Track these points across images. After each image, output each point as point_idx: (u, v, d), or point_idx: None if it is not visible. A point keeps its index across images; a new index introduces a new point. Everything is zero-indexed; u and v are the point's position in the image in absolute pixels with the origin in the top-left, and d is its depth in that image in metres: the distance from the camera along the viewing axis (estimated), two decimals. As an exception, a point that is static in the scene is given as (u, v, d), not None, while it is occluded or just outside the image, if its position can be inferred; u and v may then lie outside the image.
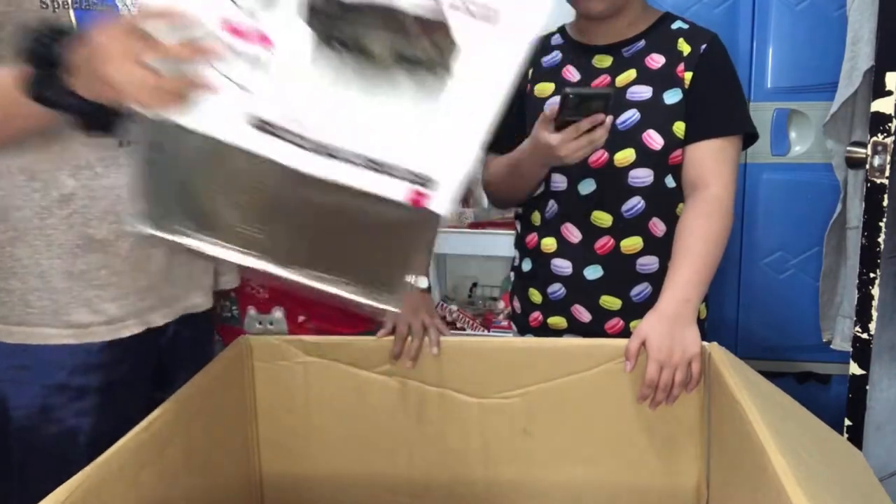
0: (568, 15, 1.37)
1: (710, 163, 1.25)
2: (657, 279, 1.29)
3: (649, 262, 1.30)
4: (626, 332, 1.31)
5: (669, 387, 1.09)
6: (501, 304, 2.74)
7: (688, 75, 1.26)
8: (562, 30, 1.40)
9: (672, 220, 1.29)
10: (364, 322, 1.46)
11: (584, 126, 1.11)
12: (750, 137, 1.31)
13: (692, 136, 1.26)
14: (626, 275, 1.30)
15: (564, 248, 1.33)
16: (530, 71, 1.37)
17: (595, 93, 1.13)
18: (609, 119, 1.12)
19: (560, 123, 1.12)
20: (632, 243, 1.29)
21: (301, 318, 1.40)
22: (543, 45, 1.39)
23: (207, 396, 1.08)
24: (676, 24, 1.31)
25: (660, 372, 1.09)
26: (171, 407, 0.98)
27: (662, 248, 1.29)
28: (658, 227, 1.29)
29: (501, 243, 2.54)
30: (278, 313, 1.36)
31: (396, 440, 1.20)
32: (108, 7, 0.98)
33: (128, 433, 0.90)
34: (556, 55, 1.36)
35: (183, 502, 1.00)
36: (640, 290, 1.31)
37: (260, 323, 1.37)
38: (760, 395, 0.95)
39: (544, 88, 1.34)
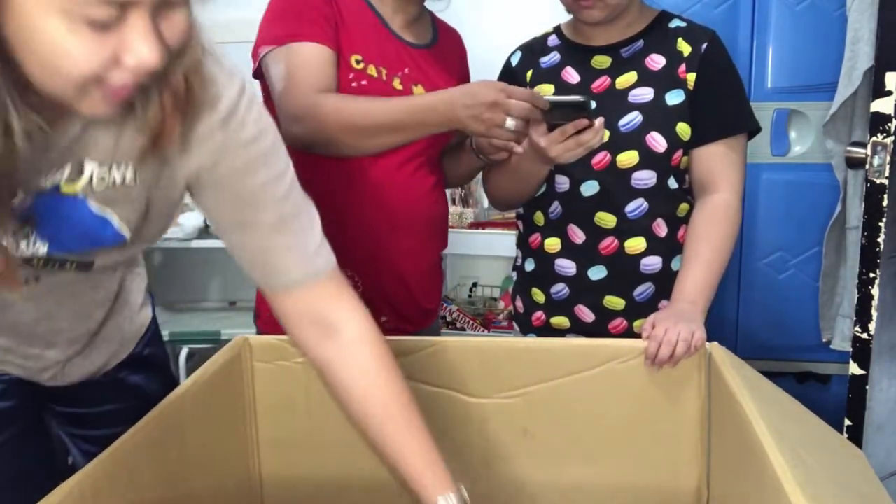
0: (560, 12, 1.37)
1: (718, 165, 1.27)
2: (660, 279, 1.30)
3: (653, 263, 1.30)
4: (629, 332, 1.32)
5: (673, 342, 1.07)
6: (501, 304, 2.74)
7: (691, 76, 1.26)
8: (557, 30, 1.40)
9: (674, 221, 1.30)
10: (432, 317, 1.47)
11: (570, 130, 1.13)
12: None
13: (700, 139, 1.27)
14: (629, 275, 1.31)
15: (568, 249, 1.33)
16: (530, 73, 1.37)
17: (570, 101, 1.14)
18: (599, 122, 1.14)
19: (549, 126, 1.15)
20: (635, 244, 1.29)
21: (383, 319, 1.37)
22: (541, 47, 1.39)
23: (206, 396, 1.07)
24: (674, 23, 1.31)
25: (665, 331, 1.09)
26: (169, 407, 0.98)
27: (665, 248, 1.30)
28: (661, 227, 1.30)
29: (502, 243, 2.54)
30: None
31: (396, 440, 1.20)
32: (66, 194, 0.76)
33: (125, 433, 0.89)
34: (554, 56, 1.36)
35: (182, 503, 0.99)
36: (644, 289, 1.31)
37: None
38: (761, 394, 0.95)
39: (544, 90, 1.34)
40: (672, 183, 1.29)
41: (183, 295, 3.00)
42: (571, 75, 1.33)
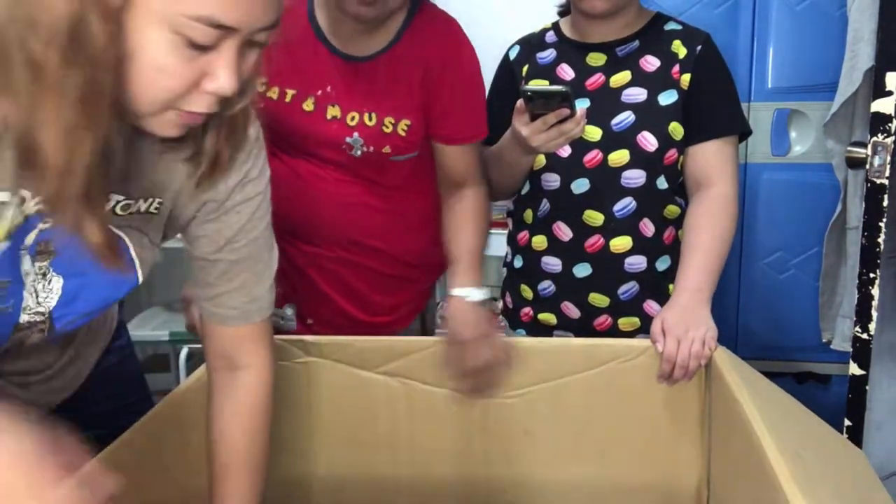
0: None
1: (713, 162, 1.28)
2: (644, 278, 1.31)
3: (637, 262, 1.31)
4: (614, 329, 1.33)
5: (686, 362, 1.10)
6: (501, 304, 2.74)
7: (685, 77, 1.28)
8: (556, 26, 1.41)
9: (661, 222, 1.31)
10: (368, 332, 1.44)
11: (551, 120, 1.14)
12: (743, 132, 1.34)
13: (694, 138, 1.28)
14: (613, 273, 1.32)
15: (555, 246, 1.34)
16: (525, 67, 1.38)
17: (551, 91, 1.16)
18: (580, 112, 1.14)
19: (532, 116, 1.16)
20: (621, 243, 1.30)
21: (309, 321, 1.39)
22: (539, 42, 1.40)
23: (207, 395, 1.07)
24: (670, 26, 1.33)
25: (677, 346, 1.10)
26: (169, 406, 0.98)
27: (650, 248, 1.31)
28: (647, 227, 1.31)
29: (502, 243, 2.54)
30: (290, 310, 1.35)
31: (397, 440, 1.20)
32: (5, 308, 0.76)
33: (126, 432, 0.90)
34: (550, 53, 1.37)
35: (182, 502, 1.00)
36: (627, 288, 1.32)
37: (273, 314, 1.34)
38: (761, 395, 0.95)
39: (538, 85, 1.34)
40: (662, 183, 1.30)
41: (183, 295, 2.99)
42: (566, 72, 1.34)
